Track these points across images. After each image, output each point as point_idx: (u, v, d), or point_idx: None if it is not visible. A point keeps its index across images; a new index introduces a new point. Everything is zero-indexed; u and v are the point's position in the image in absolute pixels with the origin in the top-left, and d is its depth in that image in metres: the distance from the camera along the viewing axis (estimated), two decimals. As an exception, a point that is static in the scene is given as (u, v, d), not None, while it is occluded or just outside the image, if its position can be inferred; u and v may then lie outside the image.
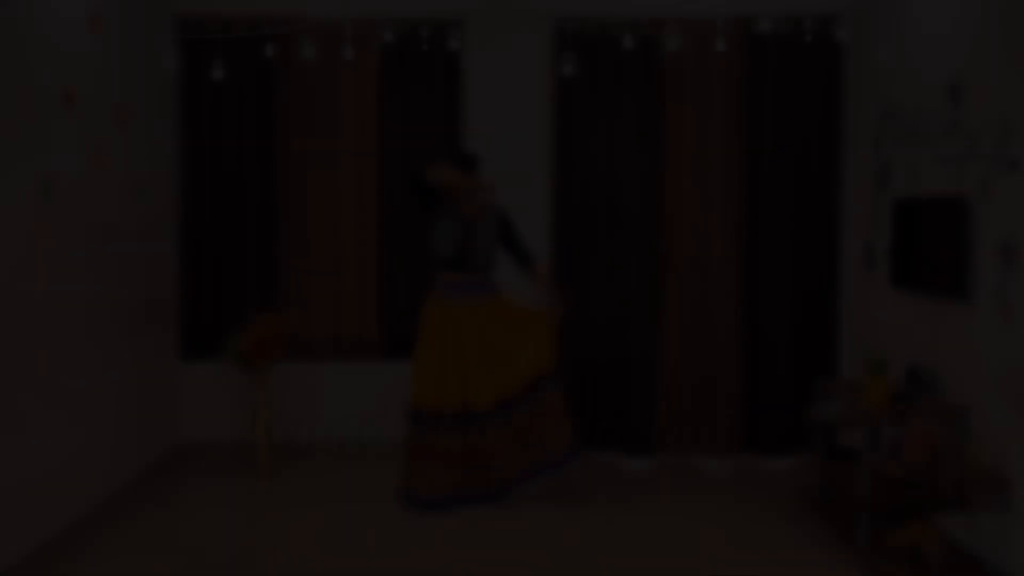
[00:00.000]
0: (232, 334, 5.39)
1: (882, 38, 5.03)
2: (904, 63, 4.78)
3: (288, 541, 4.37)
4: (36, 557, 3.99)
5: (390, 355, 5.76)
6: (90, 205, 4.51)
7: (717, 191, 5.58)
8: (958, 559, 3.65)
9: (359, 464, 5.49)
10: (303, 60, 5.55)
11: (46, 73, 4.09)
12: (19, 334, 3.86)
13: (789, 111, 5.53)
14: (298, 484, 5.18)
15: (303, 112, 5.66)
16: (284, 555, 4.21)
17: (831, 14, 5.43)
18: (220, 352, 5.57)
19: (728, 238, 5.61)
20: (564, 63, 5.38)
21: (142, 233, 5.16)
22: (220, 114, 5.64)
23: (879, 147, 5.05)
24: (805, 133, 5.55)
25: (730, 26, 5.45)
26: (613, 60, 5.52)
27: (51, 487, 4.17)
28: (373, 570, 4.03)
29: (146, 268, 5.23)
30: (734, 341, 5.61)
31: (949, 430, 4.07)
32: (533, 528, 4.52)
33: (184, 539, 4.39)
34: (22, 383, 3.89)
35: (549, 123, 5.61)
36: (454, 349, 4.69)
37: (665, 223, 5.62)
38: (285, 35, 5.59)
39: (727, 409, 5.64)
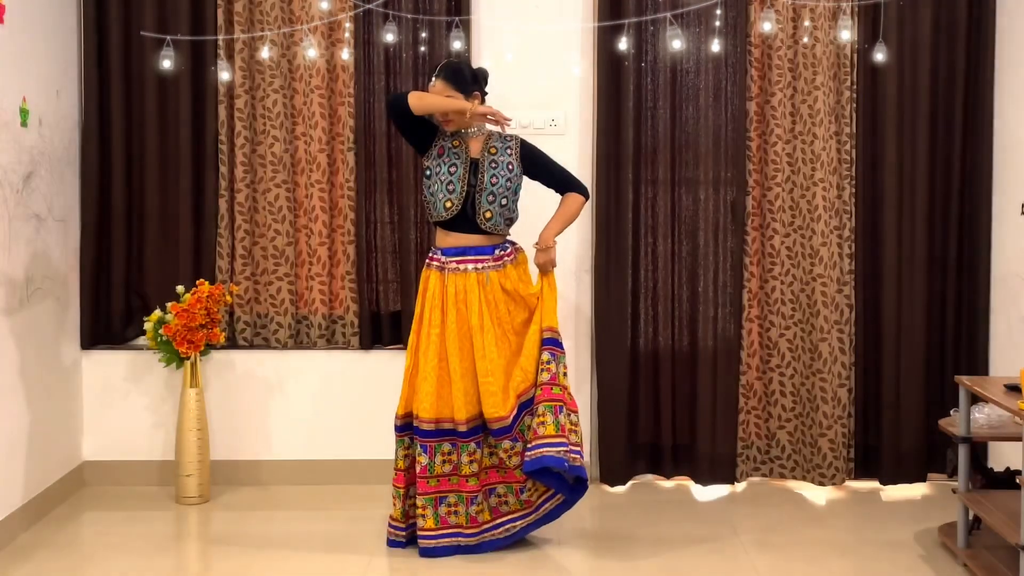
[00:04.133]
0: (153, 313, 5.35)
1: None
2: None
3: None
4: None
5: (371, 342, 5.73)
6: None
7: (822, 117, 5.52)
8: None
9: (328, 493, 5.45)
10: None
11: None
12: None
13: (921, 30, 5.48)
14: (242, 520, 5.15)
15: (253, 11, 5.55)
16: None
17: None
18: (136, 338, 5.59)
19: (836, 182, 5.53)
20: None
21: (30, 175, 5.05)
22: (140, 14, 5.57)
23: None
24: (944, 57, 5.55)
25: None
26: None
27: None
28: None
29: (36, 225, 5.13)
30: (844, 326, 5.56)
31: None
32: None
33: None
34: None
35: (591, 37, 5.56)
36: (461, 336, 4.61)
37: (750, 161, 5.58)
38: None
39: (834, 419, 5.57)
